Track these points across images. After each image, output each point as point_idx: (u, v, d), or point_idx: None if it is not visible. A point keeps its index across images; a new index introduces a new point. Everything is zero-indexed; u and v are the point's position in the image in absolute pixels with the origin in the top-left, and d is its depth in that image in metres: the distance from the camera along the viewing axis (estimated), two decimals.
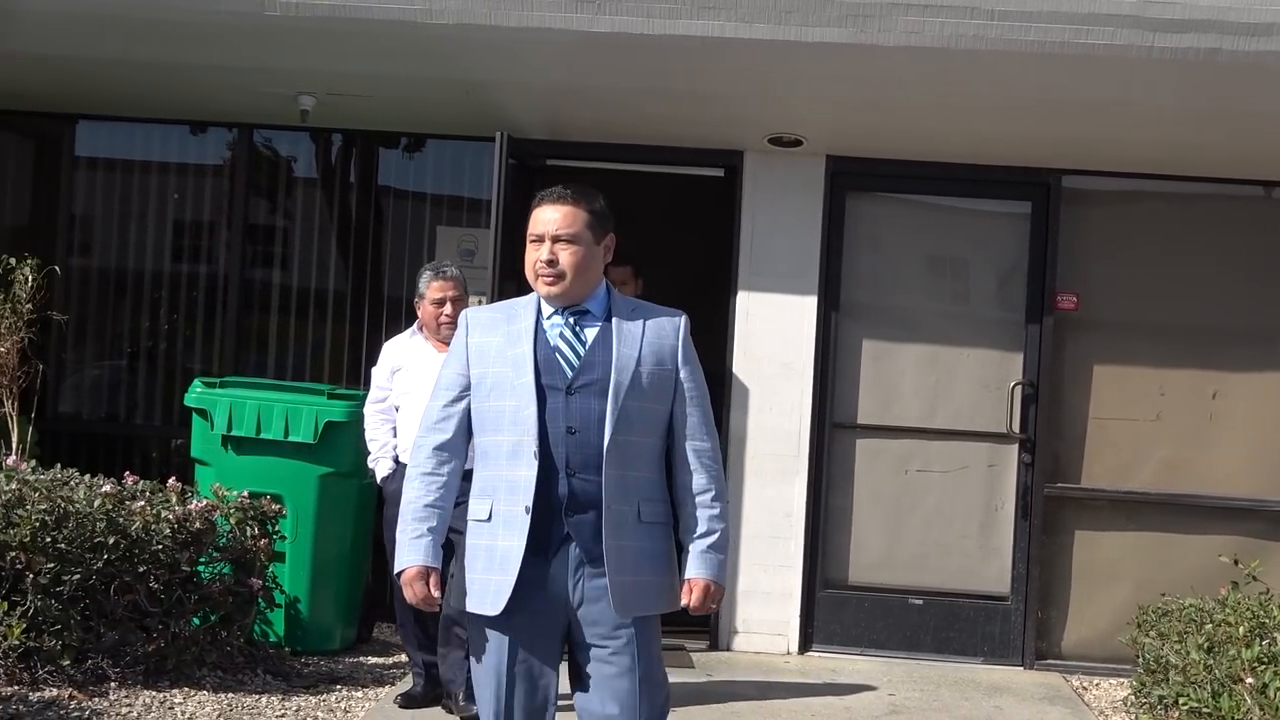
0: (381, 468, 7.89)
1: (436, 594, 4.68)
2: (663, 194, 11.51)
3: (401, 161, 10.47)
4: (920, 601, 9.71)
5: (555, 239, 4.71)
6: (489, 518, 4.65)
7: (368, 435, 7.99)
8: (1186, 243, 9.74)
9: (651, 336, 4.75)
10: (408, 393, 7.70)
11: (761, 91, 8.98)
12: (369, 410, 8.00)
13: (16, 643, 7.37)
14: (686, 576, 4.74)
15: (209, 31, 8.79)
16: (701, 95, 9.04)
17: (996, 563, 9.71)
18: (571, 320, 4.74)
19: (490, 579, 4.61)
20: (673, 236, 11.91)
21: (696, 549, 4.74)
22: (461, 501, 4.80)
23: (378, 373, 7.99)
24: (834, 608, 9.73)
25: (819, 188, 9.62)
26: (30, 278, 8.89)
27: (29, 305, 8.89)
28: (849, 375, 9.74)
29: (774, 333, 9.59)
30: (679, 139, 9.66)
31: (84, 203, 10.52)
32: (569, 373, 4.66)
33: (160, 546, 7.76)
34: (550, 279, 4.70)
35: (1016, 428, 9.62)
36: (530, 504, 4.57)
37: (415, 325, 7.90)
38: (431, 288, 7.74)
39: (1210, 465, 9.72)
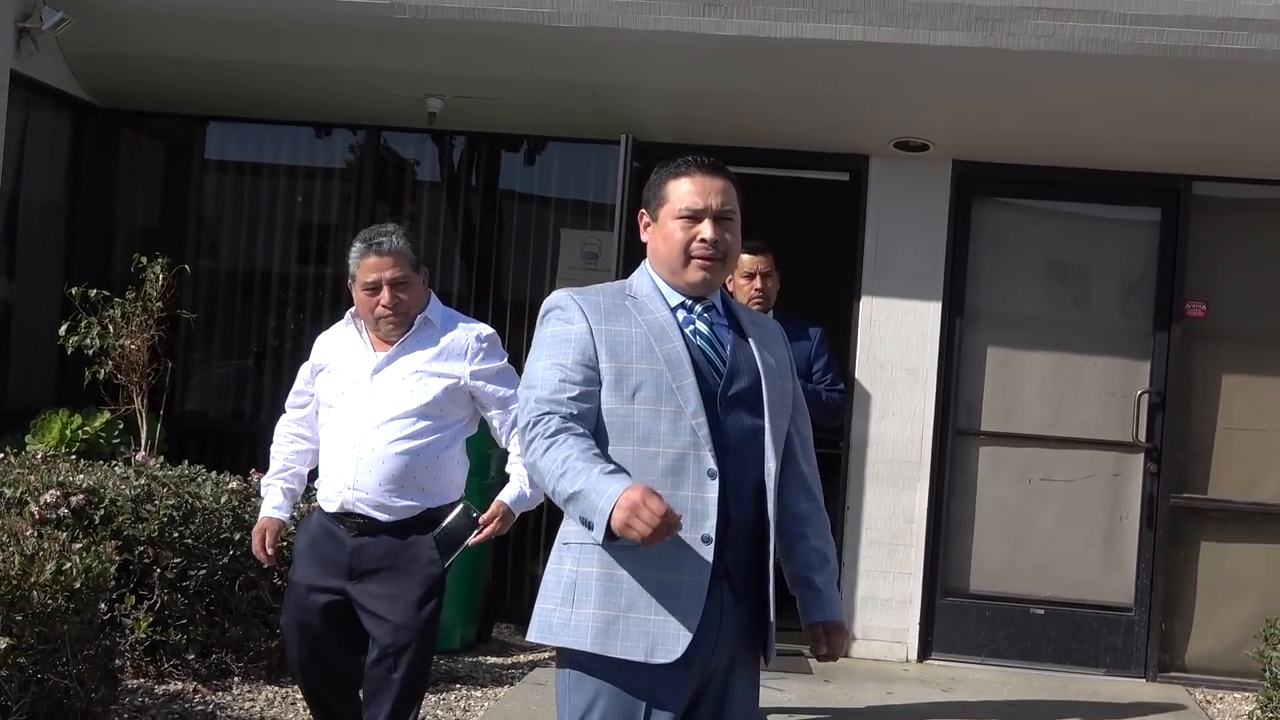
0: (269, 499, 5.99)
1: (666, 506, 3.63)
2: (782, 198, 11.46)
3: (525, 165, 10.47)
4: (1042, 611, 9.59)
5: (719, 216, 4.02)
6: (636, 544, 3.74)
7: (273, 448, 6.10)
8: None
9: (770, 342, 4.13)
10: (332, 406, 5.81)
11: (889, 95, 8.96)
12: (283, 421, 6.13)
13: (144, 636, 7.45)
14: (820, 619, 4.09)
15: (339, 34, 8.91)
16: (828, 99, 9.02)
17: (1120, 573, 9.58)
18: (707, 316, 4.06)
19: (649, 619, 3.80)
20: (789, 241, 11.87)
21: (832, 586, 4.12)
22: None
23: (303, 368, 6.09)
24: (954, 616, 9.64)
25: (945, 193, 9.53)
26: (161, 276, 8.96)
27: (159, 304, 8.95)
28: (973, 382, 9.66)
29: (897, 338, 9.52)
30: (804, 143, 9.62)
31: (213, 203, 10.60)
32: (718, 379, 3.96)
33: (285, 543, 7.79)
34: (711, 262, 4.00)
35: (1142, 437, 9.49)
36: (713, 533, 3.83)
37: (350, 312, 5.92)
38: (362, 266, 5.74)
39: None
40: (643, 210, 4.16)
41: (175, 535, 7.58)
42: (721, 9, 8.53)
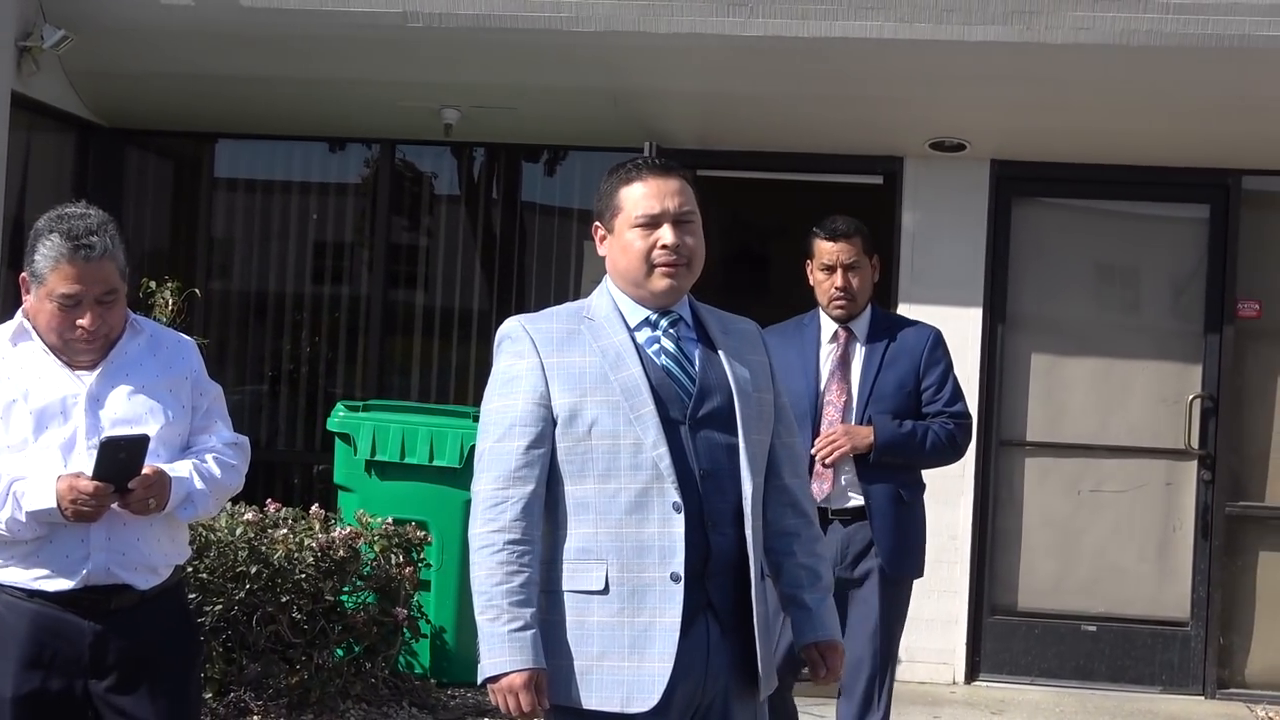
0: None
1: (547, 704, 3.74)
2: (812, 203, 11.35)
3: (546, 175, 10.39)
4: (1094, 628, 9.41)
5: (678, 219, 3.85)
6: (605, 588, 3.74)
7: None
8: None
9: (748, 353, 3.97)
10: (25, 452, 4.17)
11: (922, 94, 8.86)
12: None
13: None
14: (813, 640, 3.96)
15: (351, 45, 8.87)
16: (859, 99, 8.94)
17: (1175, 586, 9.40)
18: (673, 332, 3.91)
19: (623, 666, 3.72)
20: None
21: (824, 604, 3.96)
22: None
23: None
24: (1002, 635, 9.47)
25: (983, 194, 9.38)
26: (170, 301, 8.78)
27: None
28: (1017, 390, 9.49)
29: None
30: (835, 146, 9.49)
31: (223, 224, 10.56)
32: (686, 400, 3.83)
33: (303, 575, 7.62)
34: (675, 268, 3.83)
35: (1195, 443, 9.30)
36: (680, 570, 3.70)
37: (19, 318, 4.30)
38: (57, 272, 4.15)
39: None
40: (596, 223, 4.01)
41: (189, 569, 7.32)
42: (746, 9, 8.47)
